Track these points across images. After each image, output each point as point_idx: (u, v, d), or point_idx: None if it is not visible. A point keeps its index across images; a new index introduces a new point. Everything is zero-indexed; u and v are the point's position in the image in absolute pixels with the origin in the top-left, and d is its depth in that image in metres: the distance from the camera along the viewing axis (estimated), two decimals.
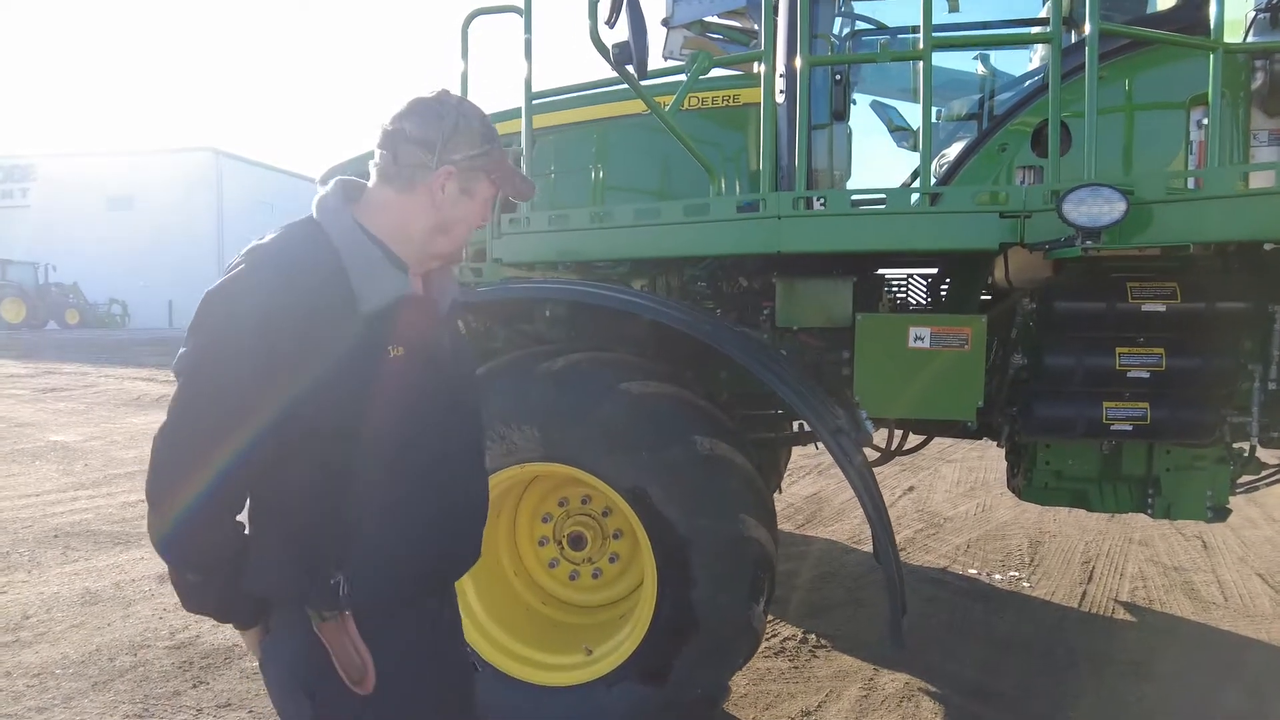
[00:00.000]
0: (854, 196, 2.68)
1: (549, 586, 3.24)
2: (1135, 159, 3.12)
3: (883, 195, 2.65)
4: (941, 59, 4.29)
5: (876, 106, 4.45)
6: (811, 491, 6.71)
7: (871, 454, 4.16)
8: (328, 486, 1.34)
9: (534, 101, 3.78)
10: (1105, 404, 3.01)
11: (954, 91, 3.96)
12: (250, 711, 3.15)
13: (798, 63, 2.69)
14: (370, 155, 1.45)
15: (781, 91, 3.37)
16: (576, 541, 3.09)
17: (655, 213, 2.88)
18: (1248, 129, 3.07)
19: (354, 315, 1.32)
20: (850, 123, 4.36)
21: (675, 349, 3.13)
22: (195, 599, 1.42)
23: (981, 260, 3.06)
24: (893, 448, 4.05)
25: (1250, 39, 2.89)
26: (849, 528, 5.73)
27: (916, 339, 3.02)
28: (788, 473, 6.78)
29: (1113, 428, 3.03)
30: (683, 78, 2.83)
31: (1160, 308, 2.85)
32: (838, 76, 3.20)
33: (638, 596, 2.88)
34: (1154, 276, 2.93)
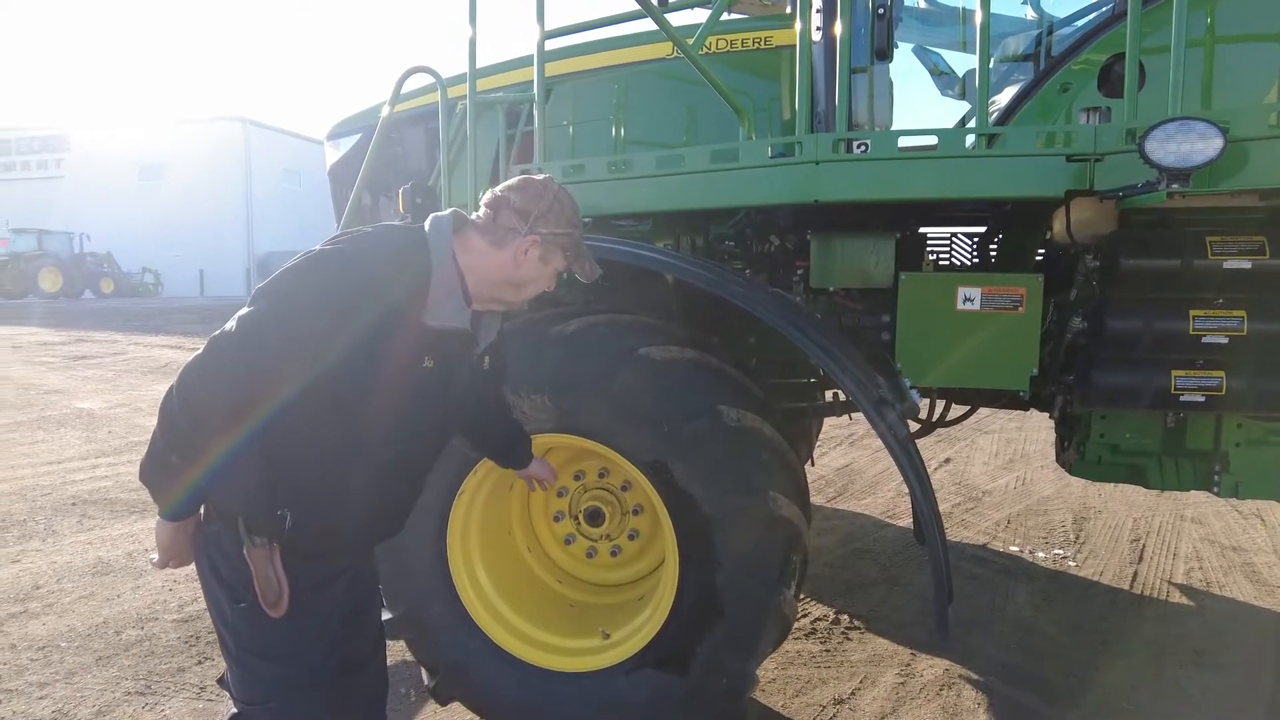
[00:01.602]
0: (901, 139, 2.40)
1: (565, 564, 3.05)
2: (1218, 98, 2.79)
3: (934, 137, 2.37)
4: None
5: (919, 51, 4.12)
6: (844, 463, 6.46)
7: (911, 425, 3.91)
8: (320, 444, 1.58)
9: (549, 45, 3.54)
10: (1174, 372, 2.72)
11: (1001, 35, 3.62)
12: None
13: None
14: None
15: (818, 29, 3.08)
16: (593, 517, 2.90)
17: (679, 160, 2.62)
18: None
19: (416, 324, 1.56)
20: (890, 71, 4.07)
21: (701, 312, 2.90)
22: (158, 472, 1.54)
23: (1040, 212, 2.77)
24: (934, 419, 3.79)
25: None
26: (883, 501, 5.49)
27: (966, 300, 2.75)
28: (818, 444, 6.55)
29: (1182, 398, 2.74)
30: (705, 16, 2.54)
31: (1245, 264, 2.54)
32: (880, 10, 2.89)
33: (658, 577, 2.68)
34: (1236, 230, 2.62)
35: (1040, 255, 3.32)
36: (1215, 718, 2.90)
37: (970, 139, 2.36)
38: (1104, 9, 3.10)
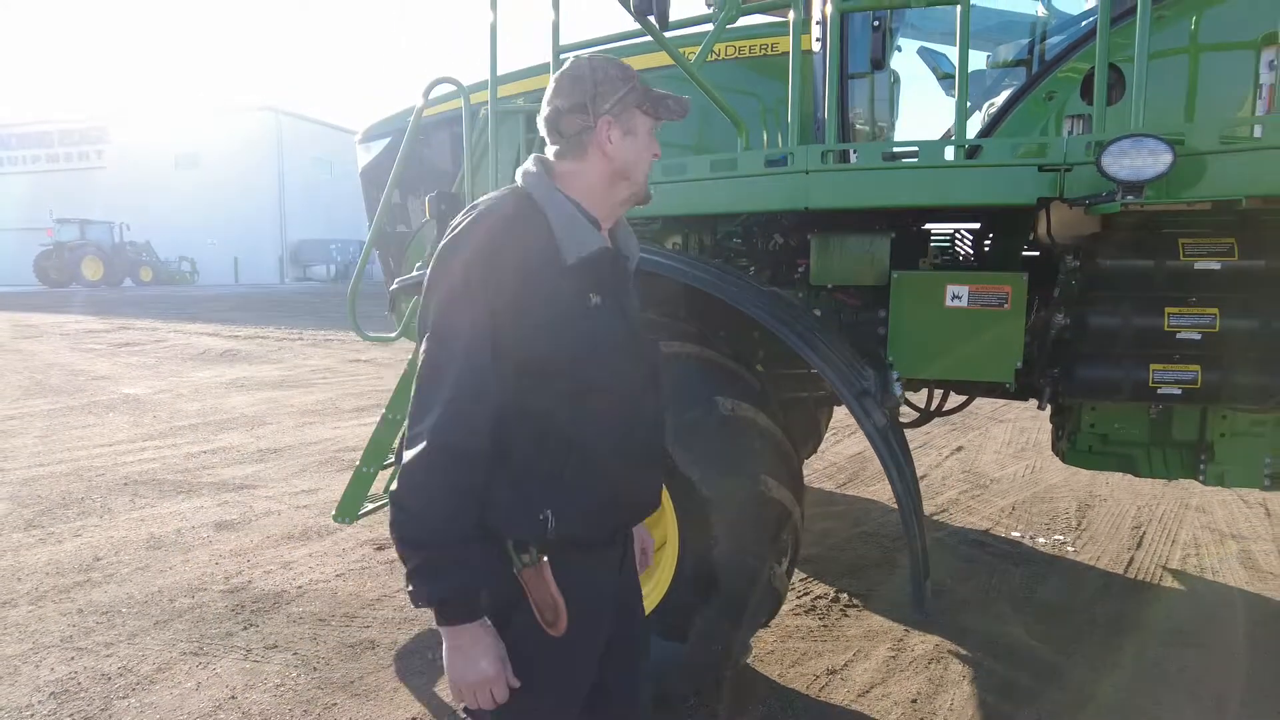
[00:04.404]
0: (886, 149, 2.58)
1: None
2: (1199, 105, 2.93)
3: (915, 148, 2.54)
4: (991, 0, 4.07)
5: (924, 53, 4.25)
6: (855, 451, 6.64)
7: (911, 414, 4.09)
8: (547, 428, 1.45)
9: (564, 55, 3.74)
10: (1152, 366, 2.89)
11: (1007, 34, 3.76)
12: (295, 654, 3.31)
13: (828, 8, 2.58)
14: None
15: (818, 40, 3.26)
16: None
17: (682, 168, 2.83)
18: None
19: (560, 266, 1.45)
20: (899, 70, 4.21)
21: (708, 309, 3.10)
22: (443, 577, 1.38)
23: (1023, 215, 2.93)
24: (933, 408, 3.97)
25: None
26: (889, 489, 5.65)
27: (954, 298, 2.93)
28: (832, 432, 6.72)
29: (1160, 391, 2.91)
30: (711, 27, 2.73)
31: (1215, 265, 2.70)
32: (876, 23, 3.06)
33: (661, 555, 2.91)
34: (1209, 232, 2.77)
35: (1034, 254, 3.48)
36: (1188, 694, 3.07)
37: (950, 150, 2.53)
38: (1093, 17, 3.24)
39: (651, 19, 2.36)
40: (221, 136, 37.71)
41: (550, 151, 1.56)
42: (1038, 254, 3.49)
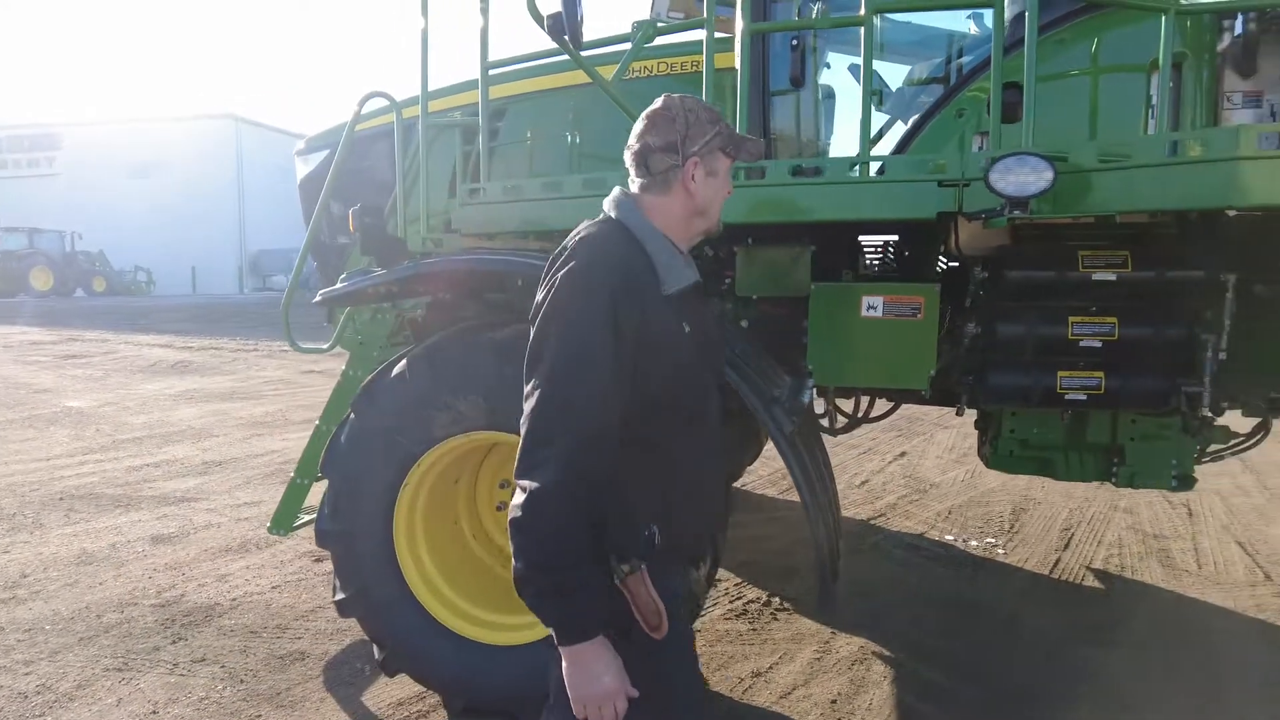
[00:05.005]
0: (794, 166, 2.66)
1: (509, 550, 3.32)
2: (1101, 124, 3.07)
3: (818, 165, 2.63)
4: (923, 16, 4.19)
5: (854, 69, 4.38)
6: None
7: (840, 422, 4.18)
8: (652, 449, 1.56)
9: (509, 68, 3.80)
10: (1060, 373, 3.00)
11: (930, 50, 3.89)
12: (223, 667, 3.29)
13: (738, 28, 2.66)
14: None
15: (739, 57, 3.34)
16: None
17: (601, 183, 2.88)
18: (1215, 91, 3.00)
19: (661, 297, 1.55)
20: (834, 86, 4.32)
21: None
22: (568, 601, 1.46)
23: (935, 228, 3.04)
24: (860, 415, 4.07)
25: None
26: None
27: (869, 308, 3.02)
28: None
29: (1067, 397, 3.02)
30: (628, 46, 2.80)
31: (1111, 276, 2.82)
32: (795, 41, 3.15)
33: None
34: (1108, 245, 2.89)
35: (955, 264, 3.60)
36: (1097, 690, 3.18)
37: (854, 168, 2.62)
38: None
39: (566, 39, 2.41)
40: (179, 144, 37.06)
41: (635, 184, 1.65)
42: (957, 265, 3.62)
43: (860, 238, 3.74)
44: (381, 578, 2.97)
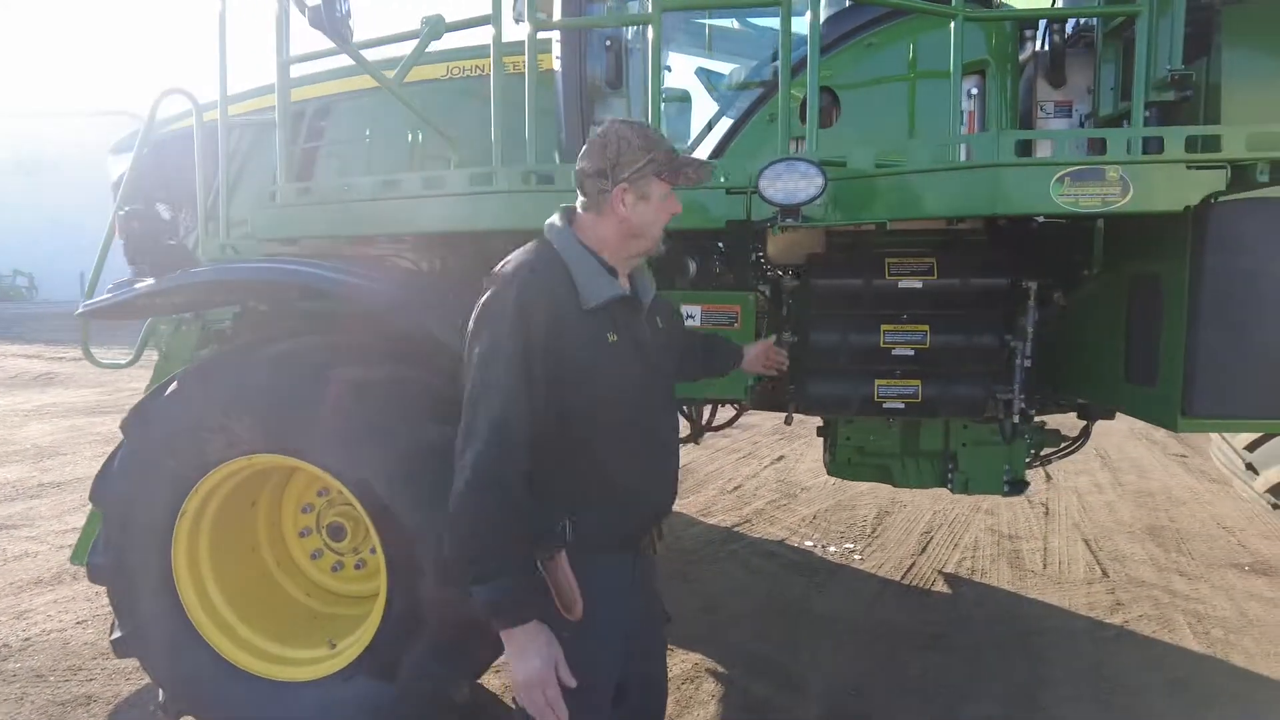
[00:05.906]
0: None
1: (316, 578, 3.11)
2: (920, 130, 3.05)
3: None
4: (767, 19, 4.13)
5: (700, 73, 4.32)
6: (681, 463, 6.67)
7: (683, 430, 4.10)
8: (569, 450, 1.69)
9: (329, 64, 3.57)
10: (877, 381, 2.97)
11: (757, 52, 3.84)
12: None
13: (524, 28, 2.53)
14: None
15: (558, 57, 3.22)
16: (336, 532, 2.96)
17: (397, 185, 2.70)
18: (1016, 98, 3.02)
19: (581, 311, 1.66)
20: (689, 89, 4.23)
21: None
22: (514, 593, 1.59)
23: (748, 236, 2.97)
24: (705, 423, 4.00)
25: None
26: (703, 499, 5.70)
27: (688, 317, 2.93)
28: None
29: (885, 405, 2.99)
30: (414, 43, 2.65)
31: (917, 284, 2.80)
32: (608, 43, 3.05)
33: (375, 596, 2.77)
34: (915, 252, 2.88)
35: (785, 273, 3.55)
36: (924, 696, 3.17)
37: None
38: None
39: (327, 29, 2.23)
40: (70, 141, 34.89)
41: (579, 202, 1.77)
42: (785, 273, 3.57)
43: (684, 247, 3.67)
44: (160, 614, 2.73)
